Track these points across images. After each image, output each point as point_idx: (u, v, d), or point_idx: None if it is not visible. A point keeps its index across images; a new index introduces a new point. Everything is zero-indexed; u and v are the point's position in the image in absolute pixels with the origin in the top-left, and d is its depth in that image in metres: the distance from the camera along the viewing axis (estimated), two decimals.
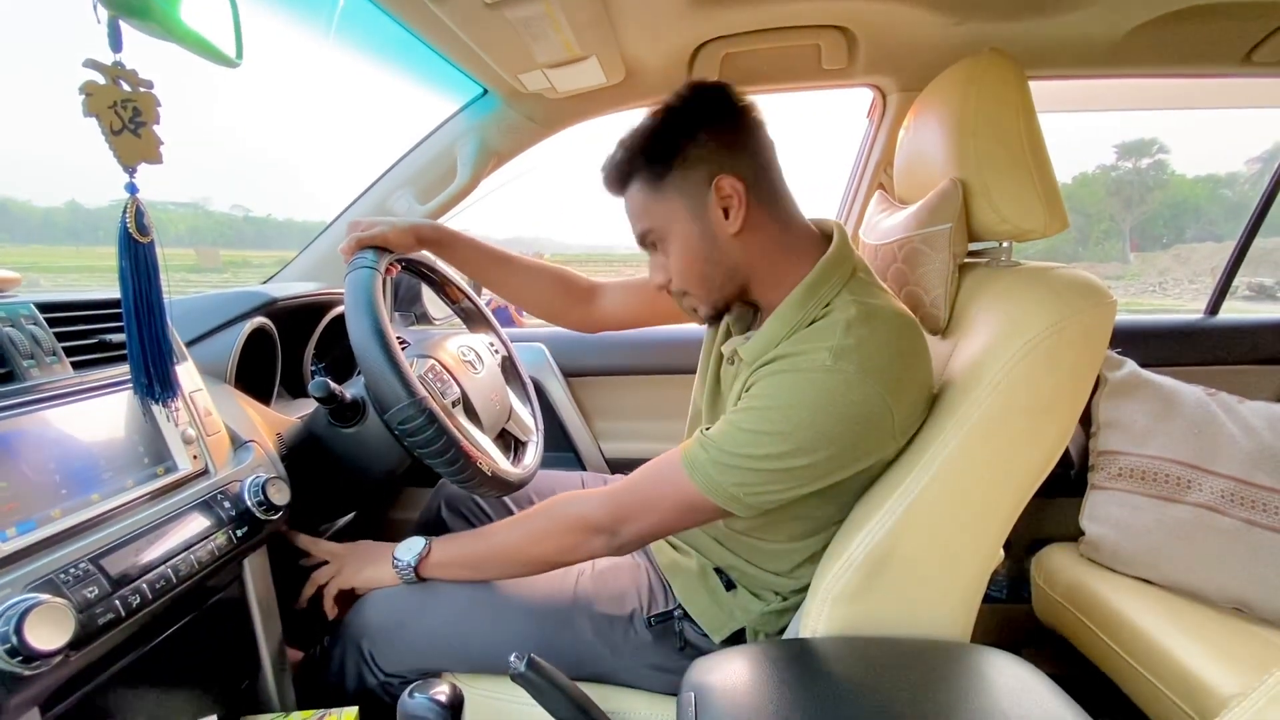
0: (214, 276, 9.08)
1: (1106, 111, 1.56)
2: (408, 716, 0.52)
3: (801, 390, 0.62)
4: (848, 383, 0.60)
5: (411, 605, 0.78)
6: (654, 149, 0.68)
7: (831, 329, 0.63)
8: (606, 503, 0.71)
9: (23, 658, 0.42)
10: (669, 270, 0.72)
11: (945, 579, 0.70)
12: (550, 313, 1.03)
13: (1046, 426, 0.65)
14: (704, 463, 0.65)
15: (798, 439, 0.61)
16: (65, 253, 12.54)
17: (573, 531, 0.73)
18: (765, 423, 0.62)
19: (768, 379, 0.65)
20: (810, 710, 0.55)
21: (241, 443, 0.74)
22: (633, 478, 0.72)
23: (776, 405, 0.63)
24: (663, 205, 0.69)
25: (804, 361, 0.63)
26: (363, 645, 0.77)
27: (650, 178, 0.69)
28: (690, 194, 0.67)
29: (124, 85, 0.50)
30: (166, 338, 0.57)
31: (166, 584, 0.55)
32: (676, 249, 0.70)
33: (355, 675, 0.78)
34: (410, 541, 0.80)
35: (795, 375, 0.63)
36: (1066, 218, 0.70)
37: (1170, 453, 1.08)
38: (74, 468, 0.55)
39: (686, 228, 0.68)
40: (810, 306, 0.67)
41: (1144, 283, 9.65)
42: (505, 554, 0.77)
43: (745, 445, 0.63)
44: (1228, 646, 0.87)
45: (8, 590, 0.45)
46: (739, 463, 0.63)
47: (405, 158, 1.21)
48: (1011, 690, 0.59)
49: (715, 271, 0.70)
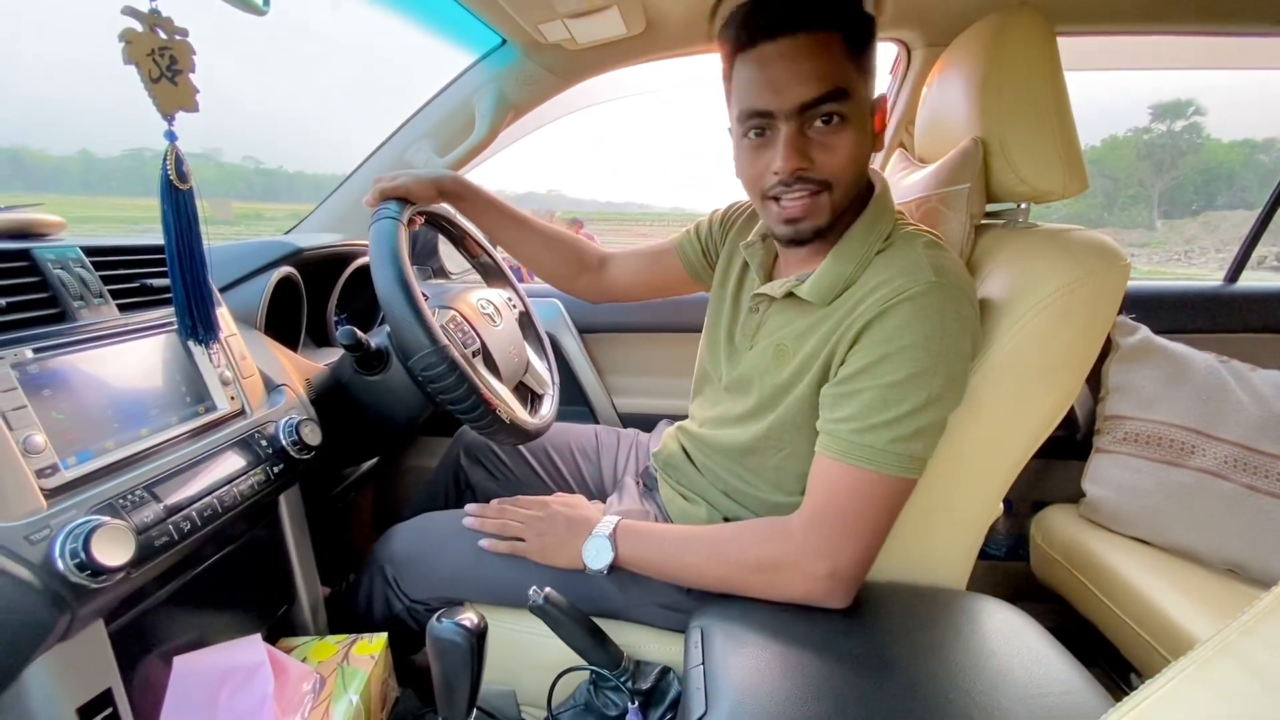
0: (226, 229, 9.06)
1: (1141, 71, 1.51)
2: (435, 639, 0.56)
3: (927, 316, 0.60)
4: (956, 295, 0.62)
5: (435, 539, 0.83)
6: (862, 22, 0.63)
7: (911, 252, 0.64)
8: (812, 539, 0.64)
9: (90, 572, 0.46)
10: (825, 153, 0.63)
11: (945, 530, 0.73)
12: (558, 278, 1.03)
13: (1053, 385, 0.67)
14: (872, 443, 0.61)
15: (945, 366, 0.61)
16: (79, 202, 12.57)
17: (781, 570, 0.66)
18: (908, 365, 0.60)
19: (881, 322, 0.62)
20: (809, 647, 0.59)
21: (274, 386, 0.77)
22: (813, 512, 0.65)
23: (911, 342, 0.60)
24: (859, 75, 0.63)
25: (911, 288, 0.61)
26: (388, 572, 0.82)
27: (853, 40, 0.62)
28: (870, 86, 0.65)
29: (160, 33, 0.51)
30: (207, 282, 0.60)
31: (213, 513, 0.59)
32: (854, 129, 0.63)
33: (383, 600, 0.83)
34: (599, 547, 0.74)
35: (912, 304, 0.61)
36: (1086, 178, 0.70)
37: (1176, 418, 1.10)
38: (123, 403, 0.58)
39: (865, 114, 0.64)
40: (871, 240, 0.67)
41: (1169, 250, 9.41)
42: (700, 579, 0.72)
43: (900, 400, 0.61)
44: (1216, 602, 0.90)
45: (73, 512, 0.49)
46: (905, 419, 0.61)
47: (423, 109, 1.21)
48: (1002, 633, 0.63)
49: (860, 179, 0.67)
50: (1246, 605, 0.30)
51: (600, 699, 0.66)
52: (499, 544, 0.79)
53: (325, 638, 0.77)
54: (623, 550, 0.73)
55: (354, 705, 0.67)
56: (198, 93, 0.53)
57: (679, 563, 0.71)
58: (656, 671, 0.68)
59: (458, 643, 0.55)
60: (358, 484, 1.14)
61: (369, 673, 0.71)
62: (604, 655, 0.65)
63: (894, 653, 0.59)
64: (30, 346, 0.52)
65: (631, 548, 0.73)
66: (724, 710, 0.51)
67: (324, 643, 0.76)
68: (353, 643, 0.75)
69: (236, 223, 9.54)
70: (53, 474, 0.50)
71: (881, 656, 0.58)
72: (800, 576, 0.65)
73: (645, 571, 0.74)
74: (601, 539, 0.74)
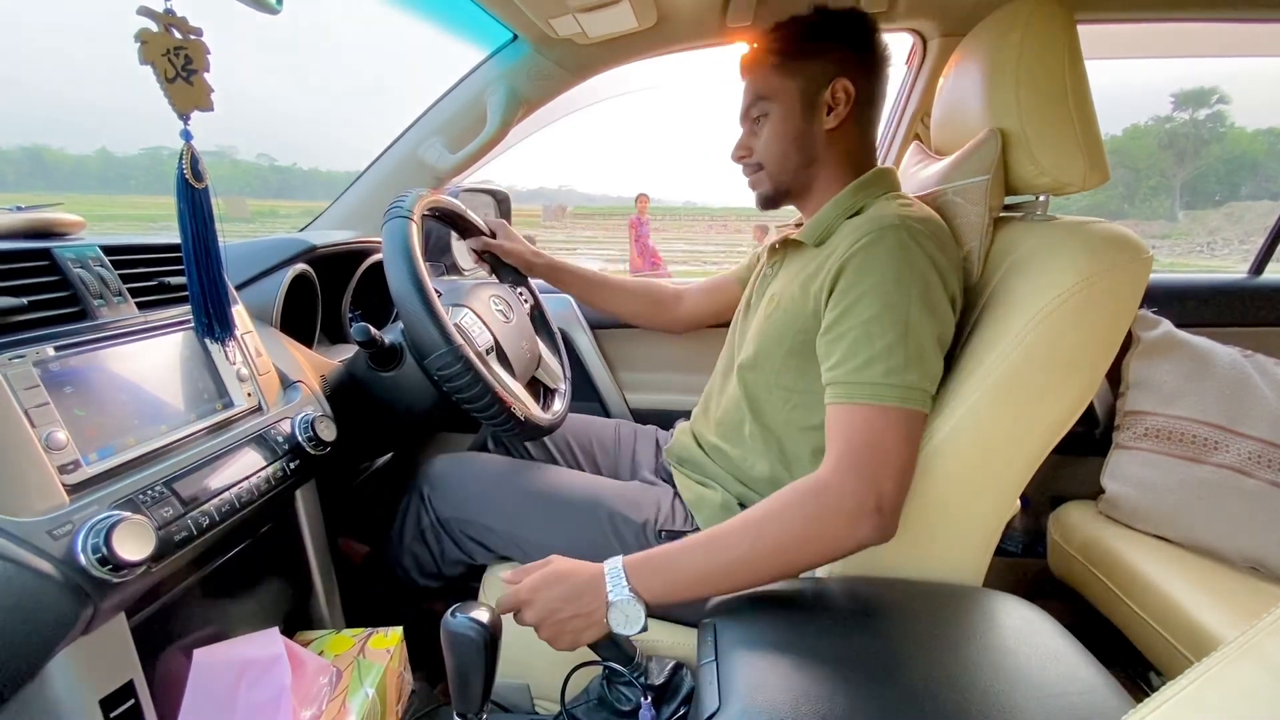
0: (243, 226, 9.18)
1: (1165, 59, 1.48)
2: (450, 633, 0.57)
3: (891, 254, 0.67)
4: (918, 234, 0.68)
5: (472, 471, 0.90)
6: (798, 33, 0.79)
7: (885, 206, 0.73)
8: (849, 480, 0.63)
9: (112, 566, 0.47)
10: (756, 143, 0.82)
11: (961, 526, 0.72)
12: (642, 321, 1.19)
13: (1072, 381, 0.66)
14: (868, 379, 0.64)
15: (917, 296, 0.65)
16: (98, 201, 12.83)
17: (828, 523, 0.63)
18: (879, 299, 0.65)
19: (851, 265, 0.68)
20: (823, 643, 0.59)
21: (290, 383, 0.78)
22: (837, 459, 0.64)
23: (881, 278, 0.66)
24: (785, 77, 0.79)
25: (875, 230, 0.68)
26: (425, 491, 0.89)
27: (784, 54, 0.79)
28: (810, 81, 0.78)
29: (175, 33, 0.51)
30: (223, 279, 0.60)
31: (231, 509, 0.60)
32: (775, 122, 0.80)
33: (415, 518, 0.89)
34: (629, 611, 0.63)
35: (877, 244, 0.67)
36: (1107, 170, 0.68)
37: (1199, 414, 1.08)
38: (143, 400, 0.59)
39: (792, 107, 0.79)
40: (860, 197, 0.78)
41: (1191, 242, 9.22)
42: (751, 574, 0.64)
43: (882, 333, 0.65)
44: (1239, 601, 0.88)
45: (95, 507, 0.50)
46: (892, 350, 0.64)
47: (435, 106, 1.21)
48: (1019, 631, 0.62)
49: (796, 154, 0.80)
50: (1269, 604, 0.30)
51: (613, 694, 0.66)
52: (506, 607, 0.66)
53: (342, 631, 0.78)
54: (645, 585, 0.63)
55: (370, 698, 0.68)
56: (212, 92, 0.54)
57: (723, 569, 0.63)
58: (670, 667, 0.68)
59: (472, 637, 0.56)
60: (374, 479, 1.15)
61: (385, 666, 0.71)
62: (617, 650, 0.65)
63: (909, 650, 0.58)
64: (51, 344, 0.53)
65: (655, 569, 0.64)
66: (737, 707, 0.51)
67: (340, 636, 0.77)
68: (369, 636, 0.76)
69: (253, 220, 9.66)
70: (74, 470, 0.50)
71: (896, 654, 0.58)
72: (850, 521, 0.62)
73: (683, 596, 0.64)
74: (634, 610, 0.62)
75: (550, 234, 24.72)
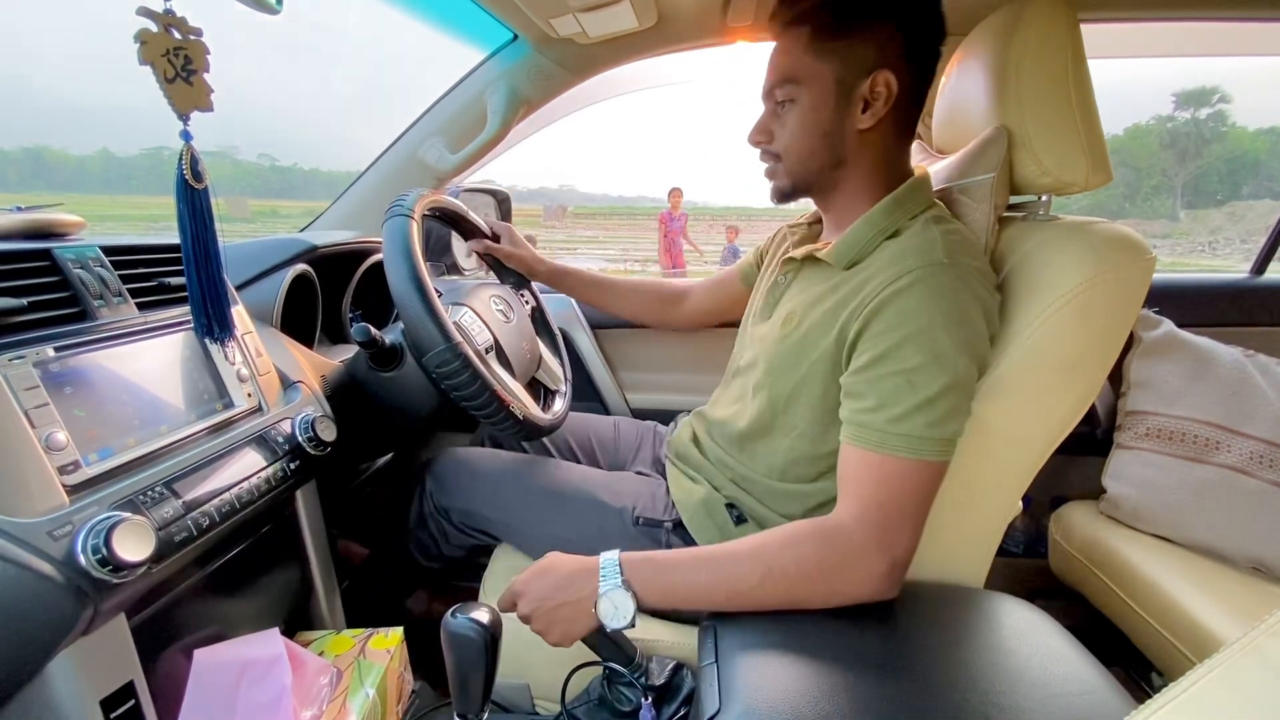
0: (244, 226, 9.17)
1: (1167, 58, 1.47)
2: (450, 633, 0.57)
3: (942, 296, 0.61)
4: (968, 275, 0.63)
5: (472, 463, 0.93)
6: (843, 6, 0.67)
7: (928, 233, 0.65)
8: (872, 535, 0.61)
9: (112, 567, 0.47)
10: (780, 129, 0.72)
11: (963, 527, 0.72)
12: (648, 320, 1.19)
13: (1075, 381, 0.66)
14: (908, 431, 0.60)
15: (966, 346, 0.61)
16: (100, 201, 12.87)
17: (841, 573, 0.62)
18: (928, 347, 0.60)
19: (896, 303, 0.62)
20: (823, 645, 0.58)
21: (290, 383, 0.78)
22: (862, 508, 0.62)
23: (929, 323, 0.60)
24: (821, 62, 0.68)
25: (923, 267, 0.62)
26: (427, 483, 0.92)
27: (820, 31, 0.68)
28: (848, 69, 0.67)
29: (175, 33, 0.51)
30: (223, 280, 0.60)
31: (231, 509, 0.60)
32: (802, 110, 0.70)
33: (418, 504, 0.93)
34: (618, 602, 0.62)
35: (925, 285, 0.61)
36: (1110, 170, 0.68)
37: (1200, 414, 1.07)
38: (143, 400, 0.59)
39: (824, 98, 0.69)
40: (896, 216, 0.69)
41: (1193, 241, 9.21)
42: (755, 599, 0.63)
43: (927, 384, 0.60)
44: (1240, 602, 0.88)
45: (95, 508, 0.50)
46: (936, 402, 0.60)
47: (435, 106, 1.21)
48: (1020, 631, 0.62)
49: (823, 152, 0.71)
50: (1271, 605, 0.30)
51: (614, 694, 0.66)
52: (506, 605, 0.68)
53: (342, 631, 0.78)
54: (641, 584, 0.63)
55: (370, 699, 0.68)
56: (212, 92, 0.54)
57: (726, 591, 0.63)
58: (670, 667, 0.68)
59: (472, 638, 0.56)
60: (374, 479, 1.15)
61: (385, 666, 0.71)
62: (618, 651, 0.65)
63: (910, 651, 0.58)
64: (51, 345, 0.53)
65: (652, 573, 0.64)
66: (737, 708, 0.51)
67: (340, 636, 0.77)
68: (369, 637, 0.76)
69: (254, 219, 9.67)
70: (74, 470, 0.50)
71: (897, 655, 0.58)
72: (863, 576, 0.61)
73: (679, 605, 0.64)
74: (624, 601, 0.62)
75: (550, 234, 24.73)
